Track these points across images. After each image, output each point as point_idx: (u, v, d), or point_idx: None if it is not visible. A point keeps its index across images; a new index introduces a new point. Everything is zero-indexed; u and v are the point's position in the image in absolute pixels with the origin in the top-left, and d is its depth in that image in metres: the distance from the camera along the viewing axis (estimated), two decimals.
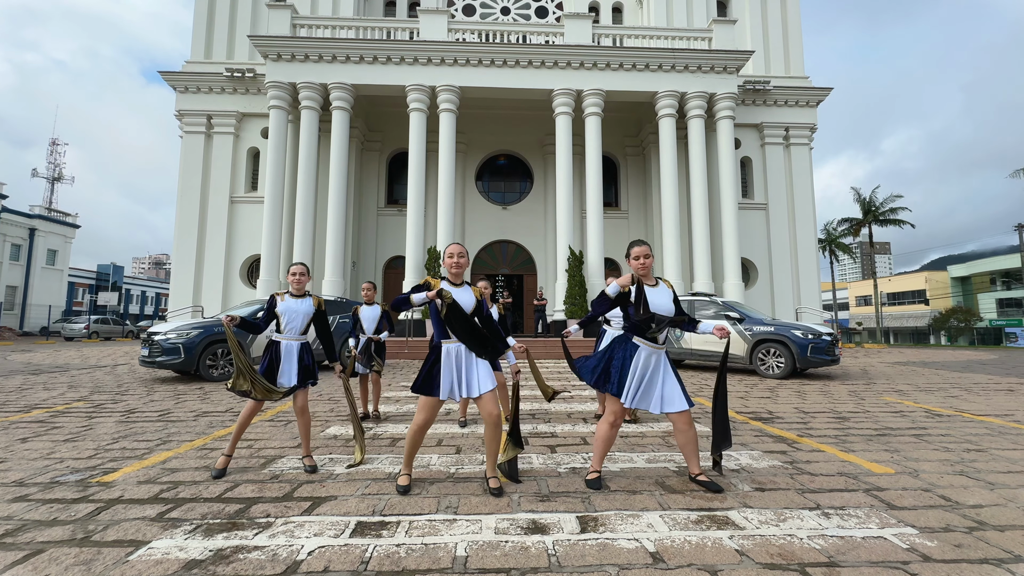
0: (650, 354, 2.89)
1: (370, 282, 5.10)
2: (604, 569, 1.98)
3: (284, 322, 3.28)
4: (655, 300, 2.87)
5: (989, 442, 4.12)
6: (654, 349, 2.90)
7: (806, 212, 17.96)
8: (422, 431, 2.86)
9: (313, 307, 3.39)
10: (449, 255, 2.86)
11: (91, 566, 2.00)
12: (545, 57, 15.38)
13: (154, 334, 7.96)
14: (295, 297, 3.36)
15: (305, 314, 3.34)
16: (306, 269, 3.42)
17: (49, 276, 34.39)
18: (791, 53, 18.69)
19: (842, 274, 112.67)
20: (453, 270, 2.86)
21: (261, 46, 15.00)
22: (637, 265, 2.92)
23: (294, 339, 3.31)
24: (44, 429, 4.51)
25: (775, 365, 8.59)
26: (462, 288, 2.86)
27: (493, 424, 2.84)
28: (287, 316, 3.28)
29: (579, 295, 14.67)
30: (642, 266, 2.91)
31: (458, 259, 2.85)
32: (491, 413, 2.82)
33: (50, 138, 41.74)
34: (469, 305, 2.83)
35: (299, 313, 3.31)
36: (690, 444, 2.96)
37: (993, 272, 44.91)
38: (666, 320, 2.86)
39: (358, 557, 2.08)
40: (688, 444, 2.97)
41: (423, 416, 2.81)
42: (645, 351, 2.88)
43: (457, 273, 2.87)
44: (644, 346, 2.89)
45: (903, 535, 2.30)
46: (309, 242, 15.02)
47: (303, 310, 3.33)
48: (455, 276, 2.88)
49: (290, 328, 3.29)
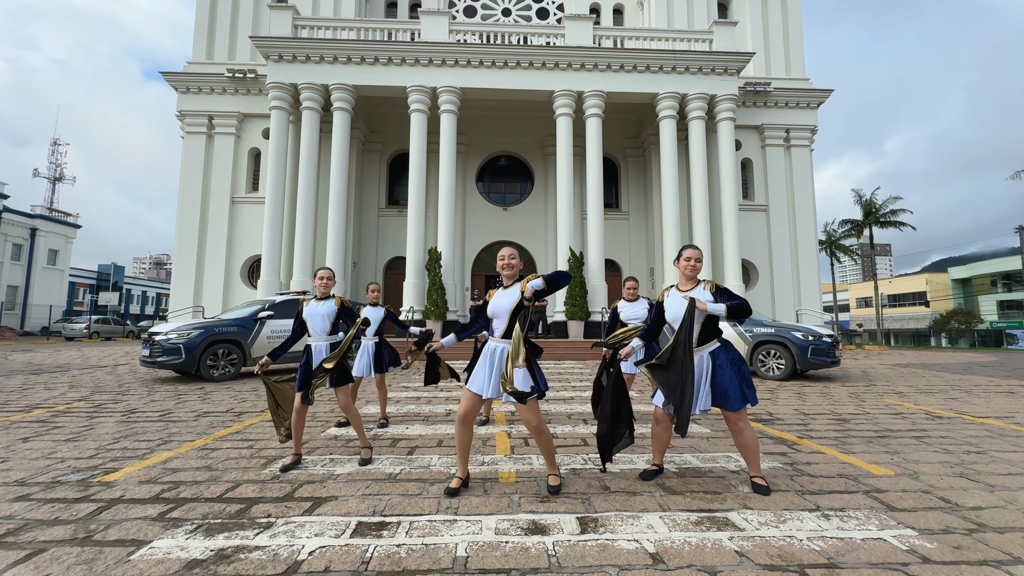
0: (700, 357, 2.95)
1: (375, 283, 5.12)
2: (604, 570, 1.99)
3: (310, 326, 3.46)
4: (677, 311, 2.95)
5: (989, 444, 4.12)
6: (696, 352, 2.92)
7: (807, 214, 17.96)
8: (461, 422, 2.87)
9: (335, 307, 3.51)
10: (500, 257, 2.92)
11: (93, 565, 2.01)
12: (546, 58, 15.41)
13: (155, 334, 7.97)
14: (319, 300, 3.51)
15: (324, 315, 3.45)
16: (332, 274, 3.56)
17: (50, 276, 34.43)
18: (792, 55, 18.71)
19: (843, 276, 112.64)
20: (506, 272, 2.90)
21: (262, 47, 15.03)
22: (687, 266, 2.97)
23: (322, 340, 3.46)
24: (45, 429, 4.52)
25: (775, 367, 8.59)
26: (512, 289, 2.87)
27: (534, 432, 2.85)
28: (311, 320, 3.46)
29: (579, 296, 14.68)
30: (691, 268, 2.96)
31: (509, 260, 2.89)
32: (529, 421, 2.81)
33: (51, 138, 41.82)
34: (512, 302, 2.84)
35: (320, 315, 3.45)
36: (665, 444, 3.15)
37: (994, 274, 44.88)
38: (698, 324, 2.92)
39: (359, 557, 2.08)
40: (751, 448, 2.94)
41: (462, 407, 2.87)
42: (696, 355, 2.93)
43: (511, 275, 2.90)
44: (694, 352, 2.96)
45: (903, 537, 2.30)
46: (310, 243, 15.04)
47: (323, 312, 3.46)
48: (508, 278, 2.91)
49: (316, 330, 3.46)
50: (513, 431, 4.49)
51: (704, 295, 2.93)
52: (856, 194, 28.42)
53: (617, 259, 18.95)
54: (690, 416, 2.74)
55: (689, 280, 3.00)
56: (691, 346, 2.80)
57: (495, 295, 2.92)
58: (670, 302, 3.01)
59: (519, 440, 4.16)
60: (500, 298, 2.87)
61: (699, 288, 2.98)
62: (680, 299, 2.94)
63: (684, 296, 2.91)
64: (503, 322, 2.83)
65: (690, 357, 2.77)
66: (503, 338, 2.83)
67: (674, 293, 3.03)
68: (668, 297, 3.05)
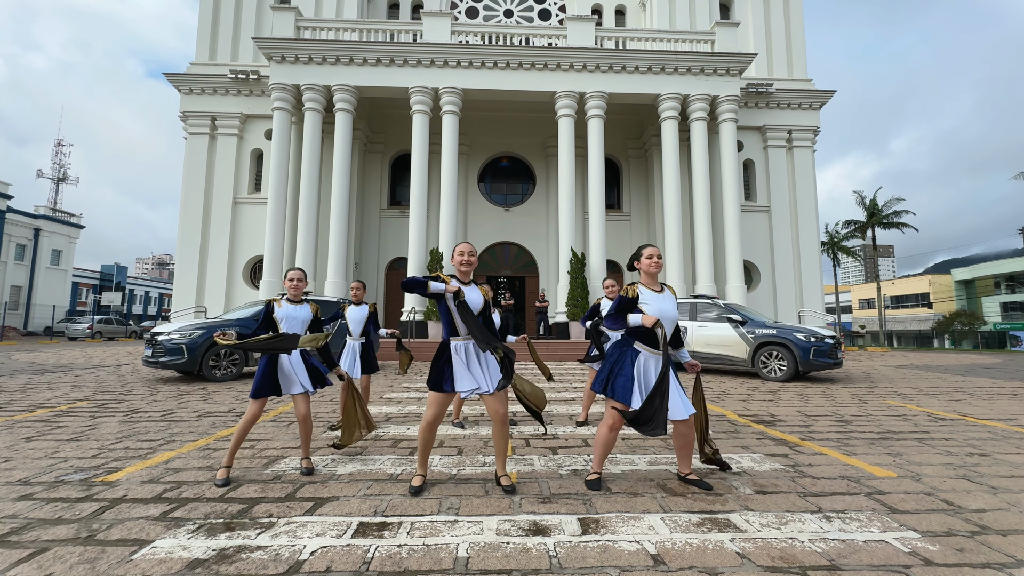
0: (648, 359, 2.88)
1: (360, 281, 4.93)
2: (605, 571, 1.99)
3: (283, 328, 3.20)
4: (661, 307, 2.85)
5: (992, 446, 4.11)
6: (652, 354, 2.88)
7: (809, 215, 17.93)
8: (431, 427, 2.89)
9: (311, 314, 3.36)
10: (459, 253, 2.88)
11: (95, 565, 2.01)
12: (548, 59, 15.42)
13: (158, 334, 7.99)
14: (293, 303, 3.31)
15: (304, 320, 3.30)
16: (304, 275, 3.38)
17: (53, 276, 34.54)
18: (794, 56, 18.70)
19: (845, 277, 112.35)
20: (463, 268, 2.88)
21: (265, 48, 15.08)
22: (650, 264, 2.89)
23: None
24: (48, 428, 4.54)
25: (777, 368, 8.57)
26: (470, 287, 2.89)
27: (500, 422, 2.87)
28: (286, 322, 3.22)
29: (581, 297, 14.67)
30: (655, 264, 2.88)
31: (468, 257, 2.88)
32: (498, 411, 2.85)
33: (55, 139, 41.99)
34: (477, 304, 2.87)
35: (298, 320, 3.26)
36: (687, 447, 3.00)
37: (997, 275, 44.70)
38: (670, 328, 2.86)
39: (360, 557, 2.09)
40: (686, 447, 3.00)
41: (432, 412, 2.86)
42: (644, 355, 2.88)
43: (466, 272, 2.90)
44: (644, 352, 2.88)
45: (905, 539, 2.29)
46: (312, 243, 15.07)
47: (302, 316, 3.29)
48: (464, 275, 2.91)
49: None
50: (515, 432, 4.49)
51: (672, 301, 2.92)
52: (858, 195, 28.33)
53: (619, 260, 18.92)
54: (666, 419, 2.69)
55: (653, 280, 2.94)
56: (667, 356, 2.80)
57: (463, 289, 2.82)
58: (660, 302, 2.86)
59: (520, 441, 4.17)
60: (472, 294, 2.86)
61: (666, 292, 2.95)
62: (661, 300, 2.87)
63: (689, 367, 3.04)
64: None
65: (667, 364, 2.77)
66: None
67: (647, 291, 2.89)
68: (642, 294, 2.87)
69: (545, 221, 19.11)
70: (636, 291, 2.89)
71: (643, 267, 2.92)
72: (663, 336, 2.80)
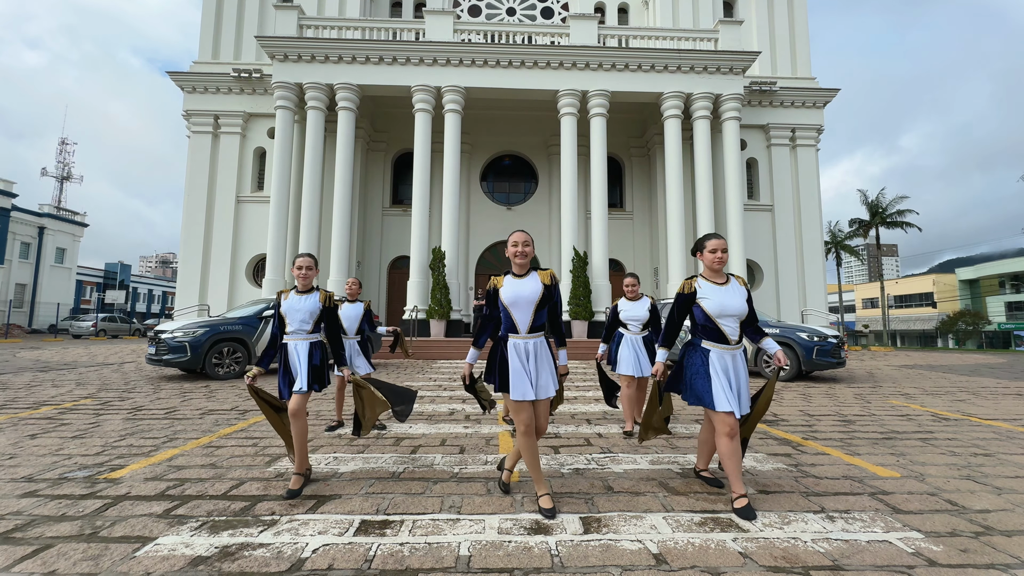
0: (721, 355, 2.72)
1: (355, 278, 4.86)
2: (607, 570, 1.98)
3: (289, 321, 3.02)
4: (723, 300, 2.70)
5: (997, 446, 4.09)
6: (725, 350, 2.72)
7: (812, 214, 17.85)
8: (530, 431, 2.59)
9: (319, 303, 3.08)
10: (513, 243, 2.64)
11: (99, 561, 2.02)
12: (551, 58, 15.38)
13: (161, 332, 8.02)
14: (300, 294, 3.07)
15: (309, 311, 3.02)
16: (313, 262, 3.11)
17: (57, 274, 34.73)
18: (798, 54, 18.60)
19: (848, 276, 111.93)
20: (519, 260, 2.64)
21: (268, 47, 15.09)
22: (713, 259, 2.74)
23: (302, 338, 3.02)
24: (52, 426, 4.56)
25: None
26: (529, 277, 2.65)
27: (542, 433, 2.72)
28: (290, 315, 3.01)
29: (583, 296, 14.65)
30: (719, 260, 2.74)
31: (523, 247, 2.62)
32: (541, 426, 2.67)
33: (59, 137, 42.18)
34: (536, 293, 2.60)
35: (302, 310, 3.01)
36: (710, 443, 2.96)
37: (1002, 275, 44.46)
38: (734, 322, 2.72)
39: (362, 555, 2.09)
40: (709, 443, 2.97)
41: (518, 418, 2.57)
42: (717, 354, 2.72)
43: (523, 264, 2.66)
44: (715, 349, 2.72)
45: (908, 539, 2.28)
46: (314, 242, 15.09)
47: (306, 307, 3.02)
48: (520, 267, 2.67)
49: (295, 328, 3.01)
50: (513, 429, 4.48)
51: (741, 292, 2.74)
52: (862, 194, 28.22)
53: (621, 259, 18.90)
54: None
55: (716, 273, 2.79)
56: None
57: (507, 283, 2.64)
58: (724, 296, 2.71)
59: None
60: (519, 287, 2.61)
61: (732, 283, 2.77)
62: (724, 292, 2.71)
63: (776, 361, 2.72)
64: (527, 314, 2.60)
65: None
66: (532, 333, 2.62)
67: (707, 284, 2.75)
68: (701, 288, 2.75)
69: (547, 220, 19.08)
70: (694, 285, 2.77)
71: (706, 261, 2.78)
72: (733, 331, 2.68)
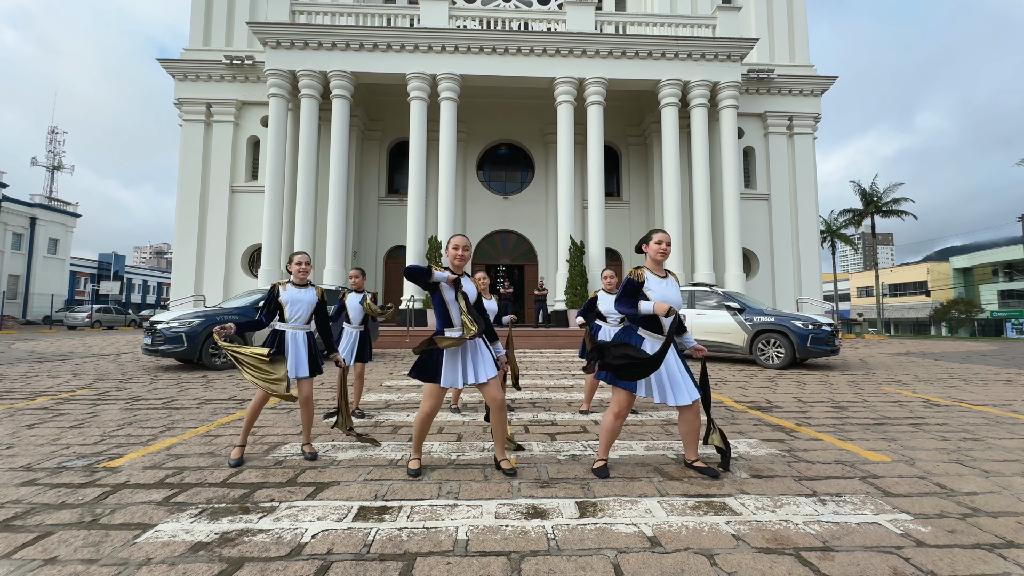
0: (653, 345, 2.89)
1: (358, 268, 4.90)
2: (602, 553, 2.02)
3: (288, 312, 3.31)
4: (665, 293, 2.85)
5: (986, 431, 4.16)
6: (656, 340, 2.89)
7: (808, 202, 17.86)
8: (429, 419, 2.95)
9: (316, 297, 3.43)
10: (454, 247, 2.91)
11: (99, 548, 2.04)
12: (547, 45, 15.21)
13: (157, 323, 8.00)
14: (298, 286, 3.38)
15: (310, 303, 3.38)
16: (310, 259, 3.47)
17: (51, 265, 34.44)
18: (796, 41, 18.45)
19: (843, 265, 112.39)
20: (456, 262, 2.93)
21: (260, 33, 14.84)
22: (658, 249, 2.89)
23: (300, 328, 3.35)
24: (50, 416, 4.56)
25: (775, 355, 8.62)
26: (464, 279, 2.96)
27: (498, 408, 2.96)
28: (292, 306, 3.31)
29: (580, 285, 14.68)
30: (663, 252, 2.89)
31: (463, 252, 2.92)
32: (495, 398, 2.94)
33: (48, 126, 41.54)
34: (472, 295, 2.96)
35: (304, 302, 3.35)
36: (693, 433, 3.02)
37: (995, 263, 44.79)
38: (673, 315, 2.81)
39: (361, 540, 2.12)
40: (691, 433, 3.02)
41: (430, 404, 2.90)
42: (649, 341, 2.89)
43: (459, 265, 2.94)
44: (649, 338, 2.89)
45: (897, 521, 2.33)
46: (310, 232, 15.01)
47: (308, 299, 3.37)
48: (457, 268, 2.95)
49: (295, 318, 3.33)
50: (513, 419, 4.53)
51: (677, 287, 2.95)
52: (856, 184, 28.17)
53: (618, 248, 18.90)
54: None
55: (659, 266, 2.95)
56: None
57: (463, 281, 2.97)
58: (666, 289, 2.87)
59: (519, 427, 4.20)
60: (467, 286, 2.97)
61: (671, 279, 2.94)
62: (666, 286, 2.87)
63: (695, 352, 3.03)
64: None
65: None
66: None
67: (652, 277, 2.89)
68: (648, 279, 2.88)
69: (544, 209, 19.03)
70: (643, 275, 2.89)
71: (651, 252, 2.93)
72: (673, 322, 2.79)
